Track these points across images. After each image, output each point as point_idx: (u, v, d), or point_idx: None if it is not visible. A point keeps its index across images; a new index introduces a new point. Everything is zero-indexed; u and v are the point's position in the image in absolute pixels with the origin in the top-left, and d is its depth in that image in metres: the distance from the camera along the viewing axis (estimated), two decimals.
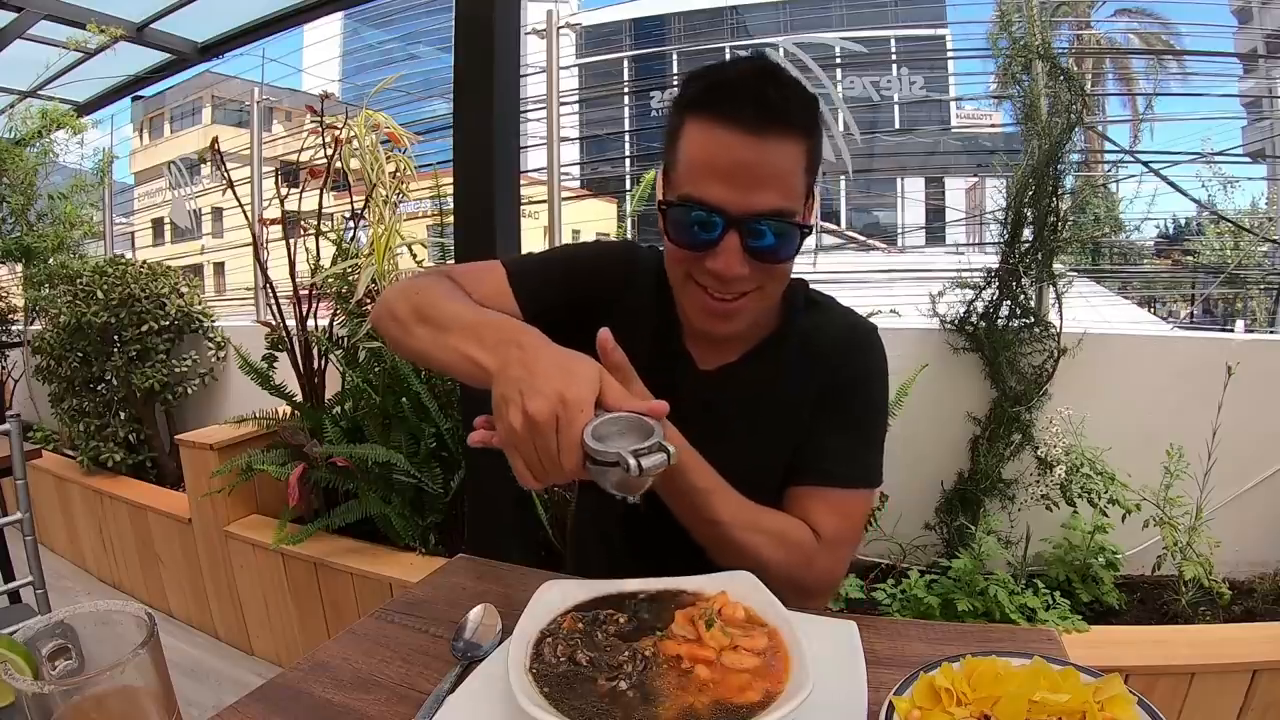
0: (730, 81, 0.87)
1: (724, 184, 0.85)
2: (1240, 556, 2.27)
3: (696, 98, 0.87)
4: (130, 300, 3.31)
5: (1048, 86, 2.44)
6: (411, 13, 20.82)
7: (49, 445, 3.91)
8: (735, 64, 0.92)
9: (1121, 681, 0.53)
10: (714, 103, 0.85)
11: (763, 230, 0.86)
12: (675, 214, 0.89)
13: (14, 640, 0.51)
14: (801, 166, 0.87)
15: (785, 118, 0.84)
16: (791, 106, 0.85)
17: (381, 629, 0.80)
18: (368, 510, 2.36)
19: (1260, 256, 3.49)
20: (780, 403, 1.00)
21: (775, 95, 0.84)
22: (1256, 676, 1.66)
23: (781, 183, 0.85)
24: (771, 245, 0.87)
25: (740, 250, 0.86)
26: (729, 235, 0.85)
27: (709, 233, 0.86)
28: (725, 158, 0.84)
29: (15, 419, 1.66)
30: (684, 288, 0.94)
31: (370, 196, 2.51)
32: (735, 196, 0.84)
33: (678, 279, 0.94)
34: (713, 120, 0.85)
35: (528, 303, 0.98)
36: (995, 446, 2.46)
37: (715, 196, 0.85)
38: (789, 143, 0.85)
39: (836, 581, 1.02)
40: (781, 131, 0.84)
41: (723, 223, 0.85)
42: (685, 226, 0.88)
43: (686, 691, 0.57)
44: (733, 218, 0.85)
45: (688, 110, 0.88)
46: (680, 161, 0.89)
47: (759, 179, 0.84)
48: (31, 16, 4.08)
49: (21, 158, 4.32)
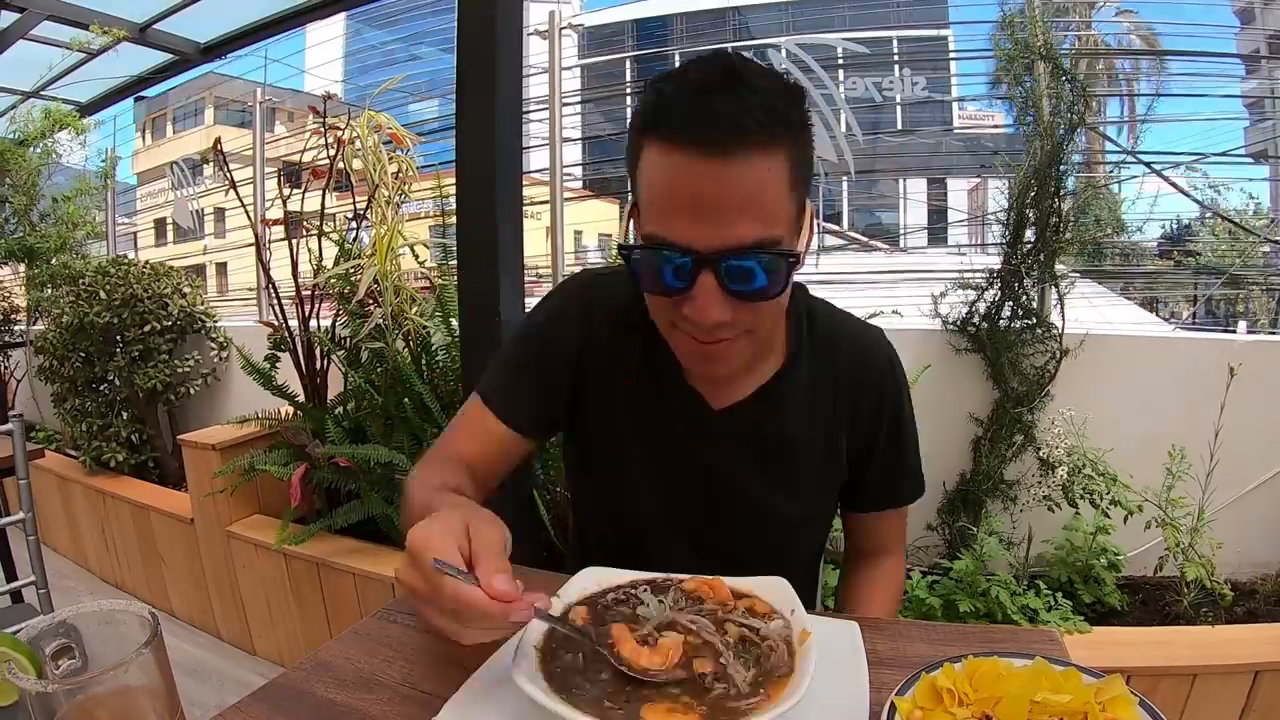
0: (679, 94, 0.73)
1: (688, 218, 0.72)
2: (1242, 558, 2.27)
3: (648, 116, 0.74)
4: (133, 300, 3.31)
5: (1049, 87, 2.44)
6: (414, 13, 20.84)
7: (51, 445, 3.93)
8: (687, 70, 0.76)
9: (1123, 682, 0.53)
10: (664, 121, 0.73)
11: (742, 267, 0.73)
12: (639, 259, 0.78)
13: (17, 639, 0.51)
14: (783, 181, 0.74)
15: (749, 130, 0.70)
16: (757, 114, 0.70)
17: (384, 629, 0.80)
18: (370, 510, 2.36)
19: (1262, 257, 3.49)
20: (801, 439, 0.94)
21: (734, 106, 0.70)
22: (1259, 678, 1.66)
23: (757, 208, 0.72)
24: (754, 283, 0.75)
25: (718, 291, 0.74)
26: (703, 276, 0.73)
27: (679, 277, 0.75)
28: (685, 188, 0.72)
29: (18, 419, 1.66)
30: (669, 334, 0.84)
31: (373, 197, 2.51)
32: (703, 231, 0.72)
33: (662, 325, 0.84)
34: (667, 144, 0.72)
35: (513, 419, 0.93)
36: (997, 447, 2.45)
37: (680, 234, 0.73)
38: (761, 158, 0.71)
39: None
40: (747, 147, 0.70)
41: (692, 263, 0.73)
42: (652, 271, 0.77)
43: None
44: (703, 256, 0.73)
45: (642, 133, 0.75)
46: (642, 194, 0.77)
47: (728, 208, 0.71)
48: (34, 17, 4.09)
49: (25, 158, 4.34)
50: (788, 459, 0.94)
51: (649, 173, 0.75)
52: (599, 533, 1.07)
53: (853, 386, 0.95)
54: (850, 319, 1.00)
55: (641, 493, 0.96)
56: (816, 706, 0.56)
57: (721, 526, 0.95)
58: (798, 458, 0.94)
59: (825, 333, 0.96)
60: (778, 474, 0.94)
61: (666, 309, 0.80)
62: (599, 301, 0.96)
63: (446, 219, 2.92)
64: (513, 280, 1.96)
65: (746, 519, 0.95)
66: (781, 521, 0.96)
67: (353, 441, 2.44)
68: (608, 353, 0.94)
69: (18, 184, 4.30)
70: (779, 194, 0.74)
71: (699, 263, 0.73)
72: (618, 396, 0.95)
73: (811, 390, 0.94)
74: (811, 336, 0.95)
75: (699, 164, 0.70)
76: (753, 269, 0.74)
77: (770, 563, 0.78)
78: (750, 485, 0.94)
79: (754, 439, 0.93)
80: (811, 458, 0.95)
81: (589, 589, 0.72)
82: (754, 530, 0.95)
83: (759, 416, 0.92)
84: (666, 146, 0.72)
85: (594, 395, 0.96)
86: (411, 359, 2.47)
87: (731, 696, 0.56)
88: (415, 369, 2.42)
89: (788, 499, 0.95)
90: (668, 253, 0.74)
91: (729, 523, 0.95)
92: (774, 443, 0.94)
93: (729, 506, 0.95)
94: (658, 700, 0.56)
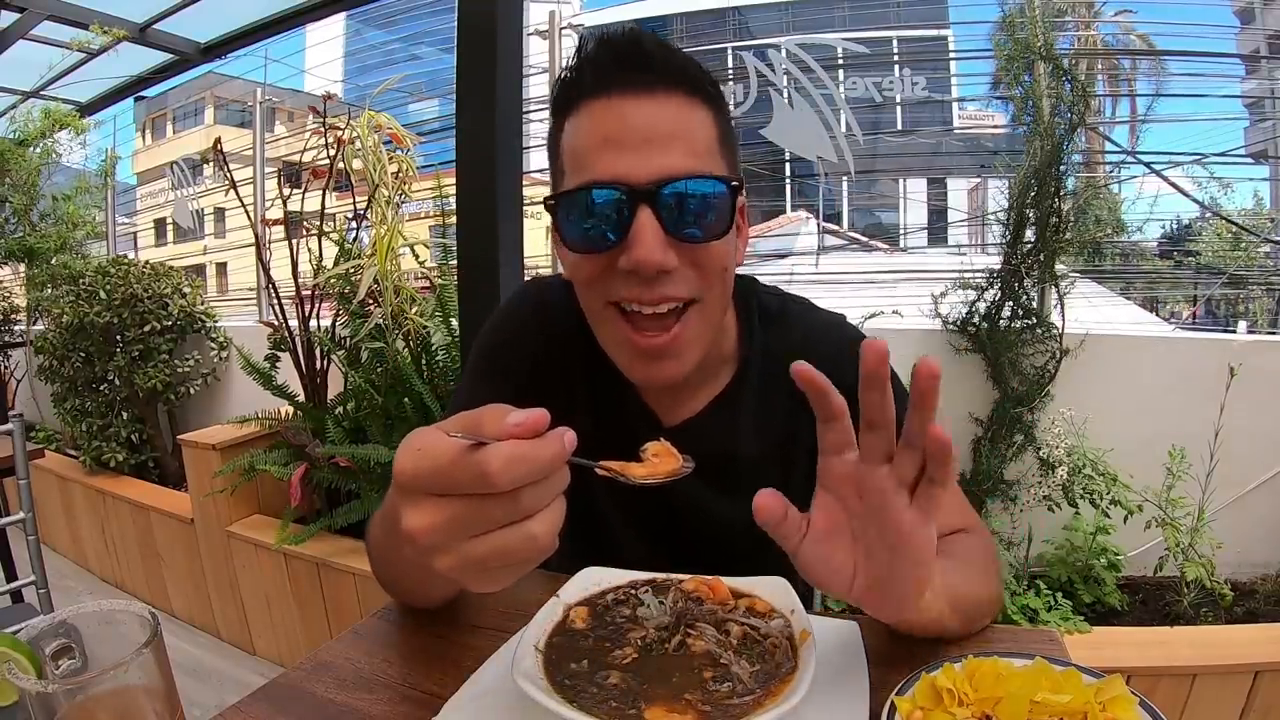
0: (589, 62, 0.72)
1: (617, 151, 0.68)
2: (1242, 557, 2.27)
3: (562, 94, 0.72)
4: (133, 300, 3.31)
5: (1049, 87, 2.44)
6: (414, 13, 20.81)
7: (52, 445, 3.93)
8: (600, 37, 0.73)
9: (1123, 682, 0.53)
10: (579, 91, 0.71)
11: (681, 196, 0.67)
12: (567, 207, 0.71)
13: (17, 639, 0.51)
14: (712, 133, 0.71)
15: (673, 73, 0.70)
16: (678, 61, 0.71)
17: (384, 629, 0.80)
18: (370, 510, 2.36)
19: (1262, 257, 3.49)
20: (759, 452, 0.86)
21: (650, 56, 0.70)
22: (1258, 678, 1.66)
23: (689, 139, 0.69)
24: (696, 214, 0.68)
25: (659, 229, 0.67)
26: (640, 212, 0.67)
27: (614, 220, 0.68)
28: (614, 122, 0.68)
29: (18, 419, 1.67)
30: (603, 323, 0.76)
31: (373, 197, 2.52)
32: (636, 161, 0.67)
33: (594, 309, 0.76)
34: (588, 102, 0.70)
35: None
36: (997, 447, 2.45)
37: (609, 168, 0.67)
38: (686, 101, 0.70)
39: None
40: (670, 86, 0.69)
41: (627, 196, 0.67)
42: (582, 219, 0.70)
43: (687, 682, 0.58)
44: (639, 189, 0.67)
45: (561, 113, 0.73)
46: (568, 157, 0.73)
47: (660, 136, 0.68)
48: (34, 17, 4.09)
49: (25, 158, 4.34)
50: (748, 473, 0.84)
51: (572, 139, 0.71)
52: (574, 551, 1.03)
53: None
54: (807, 312, 0.91)
55: (607, 509, 0.92)
56: (816, 706, 0.56)
57: (690, 542, 0.90)
58: (758, 471, 0.83)
59: (778, 330, 0.88)
60: (738, 489, 0.86)
61: (597, 276, 0.72)
62: (548, 309, 0.89)
63: (446, 219, 2.92)
64: (513, 280, 1.96)
65: (710, 534, 0.89)
66: (750, 536, 0.90)
67: (353, 441, 2.44)
68: (559, 364, 0.87)
69: (18, 184, 4.31)
70: (708, 139, 0.71)
71: (635, 197, 0.67)
72: (573, 412, 0.85)
73: (765, 398, 0.87)
74: (765, 336, 0.88)
75: (624, 100, 0.68)
76: (693, 200, 0.68)
77: (752, 573, 0.73)
78: (710, 502, 0.87)
79: (711, 454, 0.84)
80: (773, 469, 0.87)
81: (589, 589, 0.72)
82: (723, 544, 0.88)
83: (714, 430, 0.86)
84: (588, 105, 0.70)
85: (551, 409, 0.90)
86: (411, 359, 2.47)
87: (733, 695, 0.56)
88: (415, 369, 2.42)
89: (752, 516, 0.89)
90: (600, 191, 0.68)
91: (696, 538, 0.90)
92: (731, 457, 0.87)
93: (692, 523, 0.90)
94: (659, 700, 0.56)
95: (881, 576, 0.55)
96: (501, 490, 0.44)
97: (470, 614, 0.80)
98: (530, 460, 0.44)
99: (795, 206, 9.00)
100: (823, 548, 0.55)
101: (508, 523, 0.45)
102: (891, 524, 0.52)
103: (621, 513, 0.93)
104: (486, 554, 0.45)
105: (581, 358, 0.83)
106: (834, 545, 0.55)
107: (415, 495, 0.46)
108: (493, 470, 0.43)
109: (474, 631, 0.76)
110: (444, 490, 0.45)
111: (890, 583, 0.55)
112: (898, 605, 0.57)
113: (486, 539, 0.45)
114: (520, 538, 0.45)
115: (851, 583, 0.56)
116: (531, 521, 0.45)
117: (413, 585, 0.74)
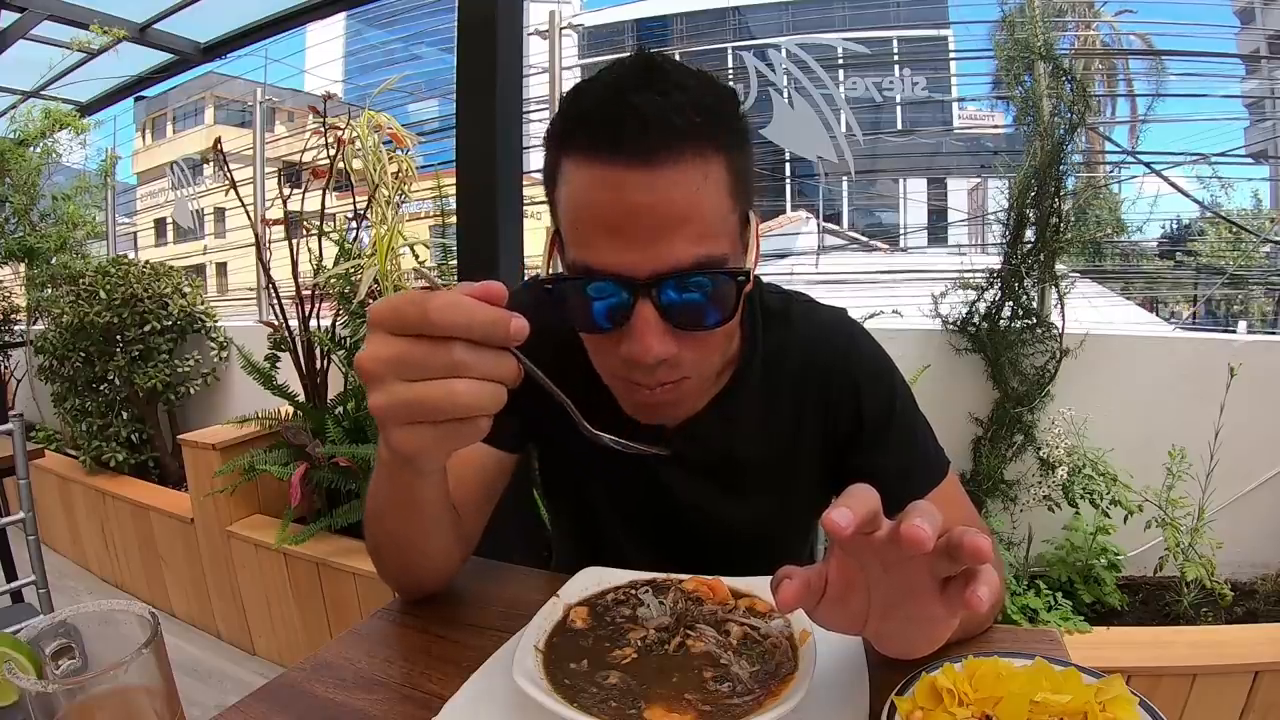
0: (596, 97, 0.65)
1: (616, 240, 0.63)
2: (1242, 558, 2.27)
3: (566, 126, 0.66)
4: (133, 300, 3.31)
5: (1049, 87, 2.44)
6: (414, 13, 20.79)
7: (52, 445, 3.93)
8: (603, 75, 0.67)
9: (1123, 682, 0.53)
10: (581, 129, 0.64)
11: (683, 293, 0.65)
12: (563, 294, 0.68)
13: (17, 639, 0.51)
14: (722, 189, 0.65)
15: (679, 130, 0.62)
16: (686, 112, 0.62)
17: (384, 629, 0.80)
18: None
19: (1262, 257, 3.49)
20: (759, 453, 0.86)
21: (658, 104, 0.62)
22: (1258, 678, 1.66)
23: (695, 222, 0.63)
24: (698, 312, 0.66)
25: (659, 323, 0.65)
26: (639, 307, 0.65)
27: (613, 313, 0.66)
28: (610, 204, 0.63)
29: (18, 419, 1.67)
30: (611, 382, 0.76)
31: (373, 197, 2.52)
32: (635, 255, 0.63)
33: (602, 372, 0.76)
34: (586, 155, 0.64)
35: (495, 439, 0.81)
36: (997, 447, 2.46)
37: (608, 259, 0.64)
38: (695, 162, 0.63)
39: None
40: (678, 150, 0.62)
41: (628, 293, 0.65)
42: (581, 308, 0.67)
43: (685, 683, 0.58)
44: (638, 284, 0.64)
45: (558, 147, 0.67)
46: (563, 217, 0.68)
47: (661, 224, 0.62)
48: (34, 17, 4.09)
49: (25, 158, 4.34)
50: (749, 473, 0.88)
51: (568, 192, 0.66)
52: (576, 551, 1.03)
53: (808, 384, 0.86)
54: (810, 311, 0.89)
55: (608, 509, 0.93)
56: (816, 706, 0.56)
57: (690, 544, 0.91)
58: (759, 471, 0.88)
59: (781, 330, 0.87)
60: (738, 491, 0.88)
61: (604, 350, 0.72)
62: (546, 310, 0.89)
63: (446, 219, 2.92)
64: (512, 280, 1.96)
65: (712, 536, 0.90)
66: (750, 535, 0.91)
67: (353, 441, 2.44)
68: (557, 364, 0.84)
69: (18, 184, 4.31)
70: (719, 204, 0.65)
71: (633, 292, 0.64)
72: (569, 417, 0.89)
73: (767, 398, 0.86)
74: (768, 336, 0.86)
75: (623, 173, 0.62)
76: (696, 296, 0.65)
77: (752, 573, 0.73)
78: (711, 503, 0.88)
79: (710, 456, 0.86)
80: (775, 469, 0.88)
81: (589, 589, 0.72)
82: (724, 544, 0.91)
83: (715, 430, 0.85)
84: (586, 158, 0.64)
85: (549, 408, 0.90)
86: None
87: (733, 696, 0.56)
88: None
89: (753, 517, 0.90)
90: (597, 285, 0.65)
91: (697, 540, 0.91)
92: (732, 457, 0.87)
93: (693, 524, 0.90)
94: (659, 700, 0.56)
95: (895, 632, 0.56)
96: (437, 334, 0.47)
97: (470, 614, 0.80)
98: (466, 310, 0.48)
99: (795, 206, 8.99)
100: (838, 605, 0.54)
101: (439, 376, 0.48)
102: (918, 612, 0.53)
103: (622, 513, 0.93)
104: (411, 399, 0.49)
105: (580, 358, 0.81)
106: (849, 600, 0.55)
107: (375, 331, 0.50)
108: (430, 308, 0.47)
109: (474, 631, 0.76)
110: (394, 329, 0.49)
111: (903, 639, 0.57)
112: (907, 654, 0.58)
113: (415, 385, 0.48)
114: (443, 391, 0.48)
115: (864, 627, 0.56)
116: (458, 380, 0.48)
117: (396, 528, 0.72)
